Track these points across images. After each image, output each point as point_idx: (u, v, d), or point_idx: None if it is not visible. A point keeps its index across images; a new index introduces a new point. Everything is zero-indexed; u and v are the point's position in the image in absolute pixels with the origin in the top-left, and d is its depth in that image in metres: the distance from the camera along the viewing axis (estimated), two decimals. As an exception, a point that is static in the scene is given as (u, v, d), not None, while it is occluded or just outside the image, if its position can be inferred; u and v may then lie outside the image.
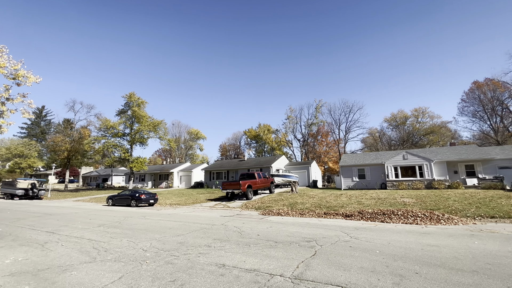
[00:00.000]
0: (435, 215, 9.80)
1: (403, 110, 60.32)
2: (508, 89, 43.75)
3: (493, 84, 44.92)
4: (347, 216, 10.95)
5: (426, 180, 23.31)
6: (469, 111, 49.80)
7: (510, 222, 9.24)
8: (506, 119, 46.36)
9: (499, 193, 15.63)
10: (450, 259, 4.84)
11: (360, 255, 5.21)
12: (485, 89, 46.67)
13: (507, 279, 3.81)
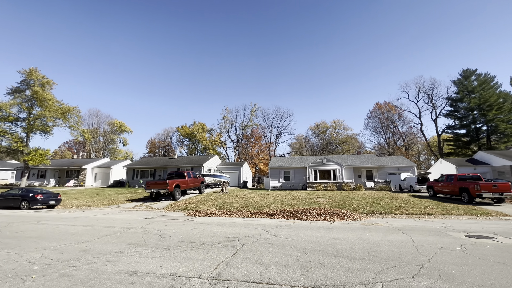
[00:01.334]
0: (341, 212, 11.49)
1: (324, 121, 68.78)
2: (397, 111, 55.28)
3: (388, 107, 56.03)
4: (271, 215, 11.67)
5: (337, 182, 27.10)
6: (371, 127, 60.63)
7: (392, 217, 11.65)
8: (395, 135, 58.40)
9: (387, 194, 19.53)
10: (348, 249, 5.74)
11: (277, 251, 5.61)
12: (383, 110, 57.68)
13: (383, 262, 4.77)
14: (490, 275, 4.10)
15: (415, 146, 61.26)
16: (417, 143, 60.55)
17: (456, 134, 48.45)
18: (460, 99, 46.13)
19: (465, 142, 46.58)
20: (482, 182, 14.75)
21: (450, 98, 48.55)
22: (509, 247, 5.95)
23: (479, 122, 44.55)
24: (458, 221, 10.31)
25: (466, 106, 45.35)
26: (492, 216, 11.17)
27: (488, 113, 42.22)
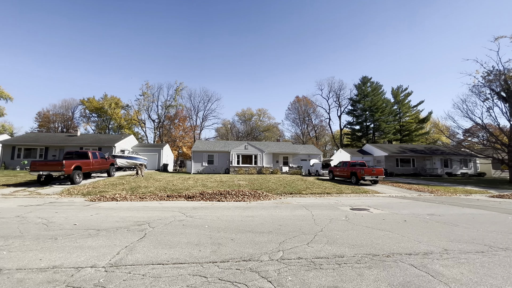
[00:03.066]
0: (257, 193, 12.31)
1: (250, 108, 71.19)
2: (313, 106, 62.44)
3: (306, 101, 62.56)
4: (189, 197, 11.39)
5: (258, 166, 28.83)
6: (291, 118, 66.58)
7: (300, 196, 13.28)
8: (309, 127, 66.06)
9: (298, 177, 22.11)
10: (258, 225, 6.19)
11: (191, 231, 5.51)
12: (301, 103, 64.01)
13: (287, 234, 5.37)
14: (362, 236, 5.22)
15: (324, 137, 71.33)
16: (325, 135, 70.64)
17: (353, 129, 58.98)
18: (358, 100, 56.01)
19: (358, 136, 57.32)
20: (365, 167, 18.56)
21: (352, 99, 58.32)
22: (376, 215, 7.73)
23: (369, 121, 55.44)
24: (347, 198, 12.70)
25: (361, 107, 55.49)
26: (370, 193, 14.26)
27: (375, 114, 52.97)
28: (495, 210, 9.12)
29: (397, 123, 55.61)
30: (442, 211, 8.70)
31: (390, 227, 6.08)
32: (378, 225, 6.29)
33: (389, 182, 20.13)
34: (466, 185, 19.79)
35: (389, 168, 30.94)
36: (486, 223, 6.72)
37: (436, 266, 3.69)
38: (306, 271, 3.46)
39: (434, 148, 35.61)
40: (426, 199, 12.30)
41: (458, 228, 6.06)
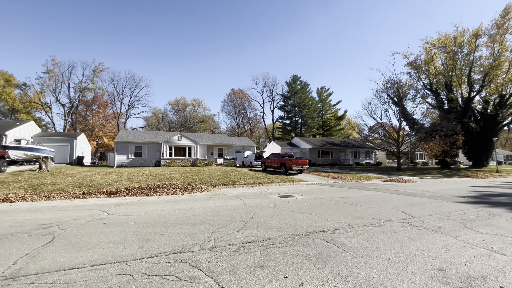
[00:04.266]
0: (191, 186, 12.04)
1: (185, 98, 67.79)
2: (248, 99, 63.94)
3: (241, 94, 63.59)
4: (112, 193, 10.22)
5: (192, 158, 27.98)
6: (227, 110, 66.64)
7: (234, 187, 13.64)
8: (244, 119, 67.55)
9: (232, 169, 22.55)
10: (191, 217, 6.13)
11: (114, 229, 5.02)
12: (237, 96, 64.74)
13: (219, 223, 5.52)
14: (286, 220, 5.83)
15: (258, 130, 74.42)
16: (259, 128, 73.80)
17: (284, 123, 63.54)
18: (289, 97, 60.43)
19: (288, 130, 62.12)
20: (293, 159, 20.43)
21: (284, 95, 62.47)
22: (299, 200, 8.71)
23: (297, 116, 60.65)
24: (277, 186, 13.77)
25: (292, 103, 60.13)
26: (296, 182, 15.83)
27: (303, 111, 58.32)
28: (386, 191, 11.54)
29: (320, 119, 62.79)
30: (351, 194, 10.48)
31: (310, 210, 6.98)
32: (300, 209, 7.13)
33: (312, 172, 22.72)
34: (368, 172, 24.18)
35: (313, 159, 34.85)
36: (378, 202, 8.47)
37: (342, 239, 4.49)
38: (236, 255, 3.69)
39: (347, 142, 41.96)
40: (340, 185, 14.51)
41: (359, 207, 7.45)
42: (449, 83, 32.72)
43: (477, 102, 34.29)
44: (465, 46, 31.71)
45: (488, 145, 30.86)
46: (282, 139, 59.96)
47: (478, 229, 5.14)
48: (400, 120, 29.90)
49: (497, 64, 29.58)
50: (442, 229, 5.12)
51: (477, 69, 32.08)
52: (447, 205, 7.83)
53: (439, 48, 33.53)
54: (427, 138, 27.31)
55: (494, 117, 30.71)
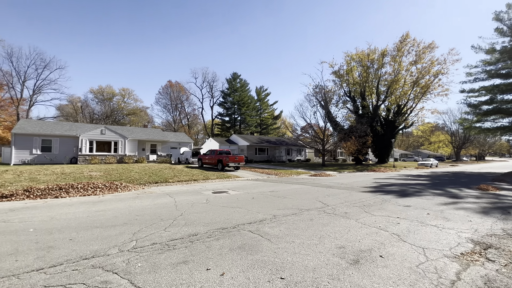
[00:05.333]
0: (114, 185, 10.82)
1: (111, 86, 60.00)
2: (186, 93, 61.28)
3: (179, 87, 60.43)
4: (5, 196, 8.29)
5: (119, 155, 25.11)
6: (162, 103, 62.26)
7: (166, 184, 12.91)
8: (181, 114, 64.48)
9: (166, 166, 21.28)
10: (111, 218, 5.55)
11: (3, 239, 4.13)
12: (174, 89, 61.18)
13: (144, 223, 5.18)
14: (217, 215, 5.91)
15: (196, 126, 72.09)
16: (198, 124, 71.61)
17: (223, 120, 63.40)
18: (229, 94, 60.57)
19: (228, 127, 62.31)
20: (230, 155, 20.66)
21: (223, 92, 62.21)
22: (232, 196, 8.92)
23: (237, 114, 61.39)
24: (212, 183, 13.70)
25: (231, 101, 60.45)
26: (232, 178, 16.07)
27: (242, 109, 59.37)
28: (310, 185, 12.90)
29: (258, 118, 65.18)
30: (280, 188, 11.31)
31: (241, 204, 7.25)
32: (232, 204, 7.33)
33: (248, 168, 23.47)
34: (298, 168, 26.50)
35: (250, 156, 35.99)
36: (302, 194, 9.43)
37: (266, 229, 4.85)
38: (159, 254, 3.56)
39: (282, 140, 44.91)
40: (272, 180, 15.46)
41: (286, 200, 8.15)
42: (363, 92, 38.70)
43: (382, 110, 41.60)
44: (376, 62, 38.03)
45: (389, 145, 37.94)
46: (221, 135, 59.74)
47: (373, 213, 6.33)
48: (326, 122, 33.76)
49: (396, 79, 36.60)
50: (348, 214, 6.10)
51: (383, 83, 38.91)
52: (355, 195, 9.34)
53: (357, 61, 39.24)
54: (346, 138, 31.73)
55: (393, 122, 37.92)
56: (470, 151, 78.71)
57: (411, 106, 38.39)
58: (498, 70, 23.69)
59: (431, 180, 15.49)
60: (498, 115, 24.19)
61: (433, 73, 35.76)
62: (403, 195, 9.42)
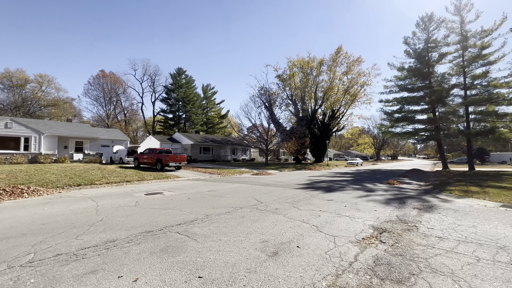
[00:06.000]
0: (19, 189, 9.03)
1: (24, 71, 49.93)
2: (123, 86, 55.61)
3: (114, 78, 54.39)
4: None
5: (32, 153, 21.12)
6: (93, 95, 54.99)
7: (91, 187, 11.44)
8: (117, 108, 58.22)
9: (94, 166, 18.86)
10: (5, 229, 4.62)
11: None
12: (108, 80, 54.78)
13: (50, 232, 4.48)
14: (144, 218, 5.53)
15: (135, 123, 66.00)
16: (137, 120, 65.68)
17: (166, 117, 59.77)
18: (173, 90, 57.42)
19: (171, 125, 58.98)
20: (171, 154, 19.61)
21: (167, 87, 58.63)
22: (167, 197, 8.49)
23: (181, 111, 58.67)
24: (148, 184, 12.75)
25: (175, 97, 57.43)
26: (171, 178, 15.27)
27: (187, 106, 57.06)
28: (251, 183, 13.25)
29: (204, 116, 63.64)
30: (220, 187, 11.28)
31: (174, 205, 6.96)
32: (164, 205, 6.97)
33: (190, 168, 22.69)
34: (242, 167, 26.91)
35: (194, 155, 34.87)
36: (240, 192, 9.62)
37: (195, 229, 4.77)
38: (62, 266, 3.13)
39: (227, 140, 44.91)
40: (214, 179, 15.30)
41: (223, 199, 8.17)
42: (304, 97, 41.80)
43: (319, 114, 45.69)
44: (315, 70, 41.54)
45: (324, 146, 41.92)
46: (164, 133, 56.18)
47: (300, 207, 6.90)
48: (269, 123, 35.26)
49: (331, 87, 40.74)
50: (278, 210, 6.50)
51: (320, 89, 42.76)
52: (288, 191, 10.01)
53: (298, 68, 42.15)
54: (287, 139, 33.72)
55: (328, 125, 42.06)
56: (387, 151, 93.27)
57: (343, 111, 43.27)
58: (406, 85, 28.73)
59: (354, 177, 17.76)
60: (406, 122, 29.36)
61: (360, 84, 41.07)
62: (329, 190, 10.53)
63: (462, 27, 24.63)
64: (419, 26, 27.08)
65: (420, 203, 7.88)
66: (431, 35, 26.49)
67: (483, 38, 23.71)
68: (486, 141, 31.06)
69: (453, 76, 26.06)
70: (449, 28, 25.47)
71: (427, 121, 27.63)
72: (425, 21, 26.52)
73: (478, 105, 24.16)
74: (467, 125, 24.80)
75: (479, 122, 25.22)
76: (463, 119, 25.19)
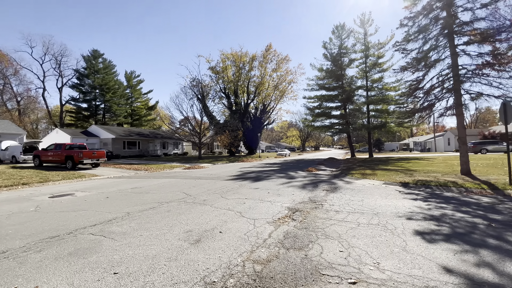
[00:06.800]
0: None
1: None
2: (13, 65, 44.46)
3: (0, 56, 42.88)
4: None
5: None
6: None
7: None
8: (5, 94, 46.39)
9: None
10: None
11: None
12: (-10, 57, 42.94)
13: None
14: (48, 223, 4.82)
15: (34, 113, 53.87)
16: (37, 110, 53.75)
17: (79, 107, 50.98)
18: (87, 75, 49.22)
19: (85, 116, 50.70)
20: (85, 150, 17.04)
21: (79, 71, 49.81)
22: (79, 198, 7.50)
23: (99, 100, 51.06)
24: (54, 186, 10.84)
25: (90, 83, 49.47)
26: (86, 177, 13.38)
27: (106, 94, 50.05)
28: (181, 177, 12.89)
29: (129, 107, 57.17)
30: (146, 184, 10.60)
31: (89, 206, 6.25)
32: (75, 207, 6.18)
33: (112, 164, 20.29)
34: (173, 162, 25.67)
35: (116, 151, 31.16)
36: (169, 187, 9.32)
37: (113, 228, 4.48)
38: None
39: (157, 133, 41.81)
40: (140, 176, 14.18)
41: (148, 195, 7.78)
42: (237, 91, 42.51)
43: (252, 108, 47.40)
44: (247, 65, 42.63)
45: (257, 138, 43.93)
46: (77, 126, 47.94)
47: (228, 197, 7.25)
48: (202, 116, 34.53)
49: (263, 82, 42.74)
50: (206, 201, 6.66)
51: (252, 84, 44.30)
52: (219, 183, 10.27)
53: (232, 61, 42.44)
54: (221, 132, 33.84)
55: (260, 119, 44.15)
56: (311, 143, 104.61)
57: (273, 106, 46.12)
58: (324, 84, 32.80)
59: (280, 167, 19.44)
60: (324, 117, 33.66)
61: (287, 81, 44.48)
62: (257, 180, 11.31)
63: (365, 38, 29.55)
64: (335, 33, 31.07)
65: (329, 185, 9.39)
66: (343, 42, 30.81)
67: (379, 49, 29.11)
68: (381, 133, 38.54)
69: (359, 79, 31.18)
70: (356, 38, 30.20)
71: (340, 116, 32.32)
72: (339, 30, 30.61)
73: (375, 104, 29.71)
74: (368, 120, 30.24)
75: (376, 118, 31.08)
76: (365, 115, 30.56)
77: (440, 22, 11.24)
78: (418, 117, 14.08)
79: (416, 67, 12.27)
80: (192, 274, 2.79)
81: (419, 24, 11.97)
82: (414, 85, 12.86)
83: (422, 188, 8.43)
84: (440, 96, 11.63)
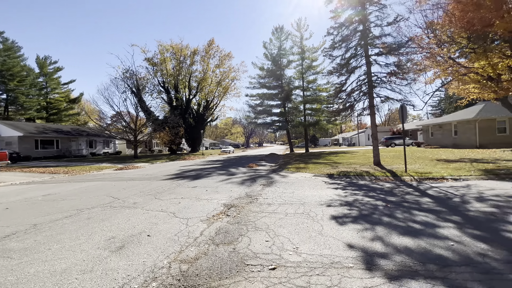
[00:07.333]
0: None
1: None
2: None
3: None
4: None
5: None
6: None
7: None
8: None
9: None
10: None
11: None
12: None
13: None
14: None
15: None
16: None
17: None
18: (-21, 57, 39.19)
19: (-22, 108, 40.41)
20: (-23, 152, 13.65)
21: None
22: (-35, 212, 6.00)
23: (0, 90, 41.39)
24: None
25: (-15, 68, 39.59)
26: (-22, 186, 10.73)
27: (10, 83, 40.98)
28: (110, 180, 11.57)
29: (43, 99, 48.09)
30: (63, 189, 9.17)
31: (-22, 221, 5.07)
32: (-43, 224, 4.92)
33: (19, 168, 16.80)
34: (103, 162, 22.83)
35: (26, 151, 25.90)
36: (93, 192, 8.28)
37: (12, 244, 3.77)
38: None
39: (81, 130, 36.40)
40: (57, 180, 12.16)
41: (64, 202, 6.76)
42: (177, 85, 40.33)
43: (194, 104, 45.78)
44: (188, 58, 40.80)
45: (199, 135, 42.73)
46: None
47: (162, 198, 6.89)
48: (138, 111, 31.63)
49: (205, 78, 41.67)
50: (136, 204, 6.19)
51: (194, 79, 42.72)
52: (154, 183, 9.65)
53: (171, 53, 39.97)
54: (160, 129, 31.66)
55: (203, 115, 43.03)
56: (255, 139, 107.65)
57: (216, 102, 45.54)
58: (265, 83, 34.13)
59: (222, 164, 19.45)
60: (265, 114, 35.07)
61: (230, 78, 44.49)
62: (196, 178, 11.06)
63: (301, 42, 31.83)
64: (274, 35, 32.50)
65: (266, 180, 9.88)
66: (282, 44, 32.50)
67: (313, 53, 31.81)
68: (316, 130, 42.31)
69: (296, 79, 33.48)
70: (294, 41, 32.27)
71: (280, 114, 34.15)
72: (278, 32, 32.15)
73: (311, 103, 32.46)
74: (304, 118, 32.85)
75: (311, 116, 34.01)
76: (302, 113, 33.09)
77: (358, 34, 13.01)
78: (342, 116, 16.05)
79: (340, 72, 13.93)
80: (109, 284, 2.59)
81: (342, 34, 13.59)
82: (338, 87, 14.59)
83: (343, 178, 9.68)
84: (358, 98, 13.53)
